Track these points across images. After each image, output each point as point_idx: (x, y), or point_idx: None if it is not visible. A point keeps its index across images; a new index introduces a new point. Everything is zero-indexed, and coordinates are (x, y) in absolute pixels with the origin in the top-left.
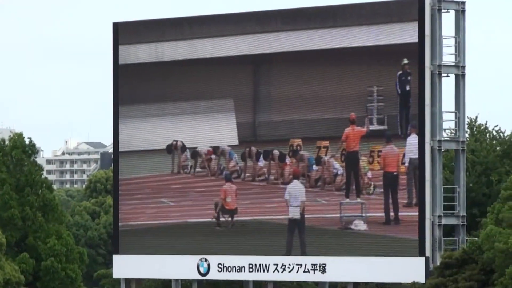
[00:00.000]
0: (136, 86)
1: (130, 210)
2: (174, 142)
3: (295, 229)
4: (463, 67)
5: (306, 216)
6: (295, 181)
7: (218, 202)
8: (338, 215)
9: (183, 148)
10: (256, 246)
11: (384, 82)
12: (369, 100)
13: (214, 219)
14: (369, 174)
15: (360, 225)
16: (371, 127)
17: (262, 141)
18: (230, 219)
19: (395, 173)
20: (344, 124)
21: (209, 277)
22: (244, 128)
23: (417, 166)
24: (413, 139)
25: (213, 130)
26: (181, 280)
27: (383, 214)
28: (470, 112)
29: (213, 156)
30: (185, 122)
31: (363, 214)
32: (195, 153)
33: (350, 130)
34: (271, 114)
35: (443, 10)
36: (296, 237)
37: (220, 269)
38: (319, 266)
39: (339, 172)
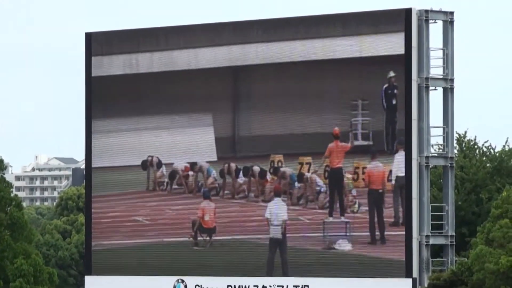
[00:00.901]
0: (109, 99)
1: (103, 228)
2: (150, 158)
3: (277, 248)
4: (452, 80)
5: (288, 235)
6: (276, 198)
7: (195, 221)
8: (321, 234)
9: (159, 164)
10: (236, 266)
11: (369, 96)
12: (354, 114)
13: (191, 238)
14: (354, 191)
15: (344, 245)
16: (356, 143)
17: (241, 157)
18: (208, 238)
19: (380, 191)
20: (328, 139)
21: None
22: (223, 144)
23: (404, 183)
24: (400, 156)
25: (191, 145)
26: None
27: (368, 233)
28: (458, 127)
29: (190, 173)
30: (161, 137)
31: (348, 234)
32: (171, 170)
33: (334, 146)
34: (251, 129)
35: (430, 21)
36: (278, 257)
37: None
38: None
39: (322, 190)
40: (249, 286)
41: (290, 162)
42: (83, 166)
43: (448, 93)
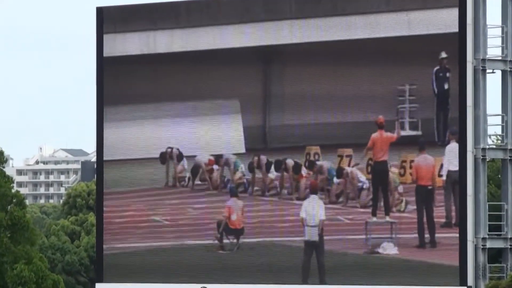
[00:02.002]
0: (124, 83)
1: (116, 230)
2: (169, 150)
3: (313, 252)
4: None
5: (325, 237)
6: (312, 196)
7: (221, 221)
8: (363, 236)
9: (180, 156)
10: (266, 272)
11: (418, 80)
12: (400, 100)
13: (216, 241)
14: (400, 188)
15: (389, 249)
16: (402, 133)
17: (273, 149)
18: (235, 240)
19: (430, 187)
20: (371, 129)
21: None
22: (252, 134)
23: (457, 179)
24: (452, 148)
25: (216, 135)
26: None
27: (416, 235)
28: None
29: (215, 167)
30: (182, 126)
31: (393, 236)
32: (194, 164)
33: (378, 136)
34: (284, 117)
35: None
36: (314, 262)
37: None
38: None
39: (364, 186)
40: None
41: (328, 154)
42: (93, 159)
43: (507, 76)
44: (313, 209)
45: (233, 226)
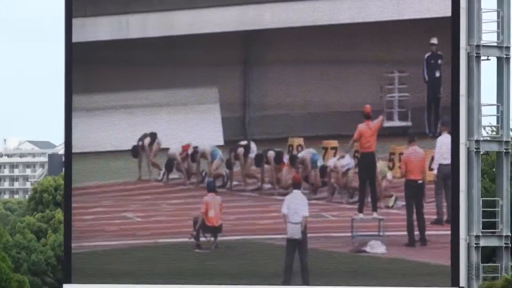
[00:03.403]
0: (94, 70)
1: (85, 227)
2: (141, 143)
3: (295, 251)
4: (508, 48)
5: (309, 235)
6: (295, 191)
7: (197, 218)
8: (349, 234)
9: (152, 143)
10: (246, 272)
11: (408, 67)
12: (389, 89)
13: (192, 239)
14: (389, 175)
15: (377, 247)
16: (391, 123)
17: (254, 141)
18: (212, 238)
19: (420, 182)
20: (357, 119)
21: None
22: (232, 125)
23: (449, 173)
24: (444, 140)
25: (192, 126)
26: None
27: (405, 233)
28: None
29: (189, 152)
30: (155, 116)
31: (381, 233)
32: (168, 157)
33: (365, 127)
34: (265, 107)
35: None
36: (297, 261)
37: None
38: None
39: (350, 166)
40: None
41: (312, 147)
42: (61, 152)
43: (503, 63)
44: (296, 205)
45: (211, 224)
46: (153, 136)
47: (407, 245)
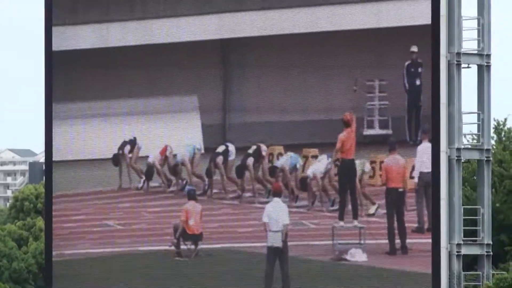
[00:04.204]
0: (74, 79)
1: (66, 235)
2: (121, 151)
3: (276, 259)
4: (488, 56)
5: (289, 243)
6: (275, 199)
7: (178, 225)
8: (330, 242)
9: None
10: (226, 281)
11: (388, 75)
12: (369, 97)
13: (173, 247)
14: (367, 167)
15: (357, 255)
16: (371, 131)
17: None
18: (193, 246)
19: (400, 190)
20: (338, 127)
21: None
22: (211, 132)
23: (430, 181)
24: (425, 148)
25: (172, 134)
26: None
27: (386, 241)
28: (496, 113)
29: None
30: (136, 124)
31: (362, 242)
32: (148, 165)
33: (345, 135)
34: (245, 114)
35: None
36: (277, 270)
37: None
38: None
39: (329, 166)
40: None
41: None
42: (42, 160)
43: (483, 71)
44: (277, 213)
45: (191, 232)
46: (132, 143)
47: (388, 253)
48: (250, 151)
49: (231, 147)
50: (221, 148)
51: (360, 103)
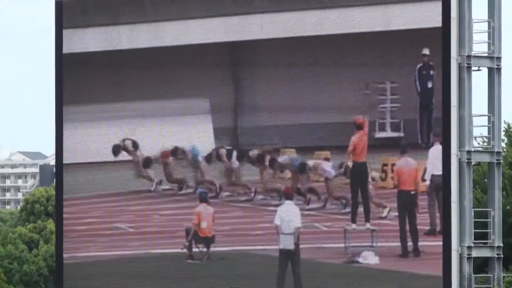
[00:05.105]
0: (85, 81)
1: (77, 238)
2: (130, 152)
3: (288, 262)
4: (499, 58)
5: (301, 246)
6: (287, 202)
7: (190, 228)
8: (342, 245)
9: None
10: (238, 284)
11: (399, 78)
12: (381, 100)
13: (185, 250)
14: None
15: (369, 258)
16: (383, 134)
17: (243, 150)
18: (205, 249)
19: (412, 192)
20: (349, 130)
21: None
22: (223, 136)
23: (441, 183)
24: (436, 150)
25: (183, 137)
26: None
27: (399, 244)
28: (507, 115)
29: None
30: (147, 127)
31: (374, 244)
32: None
33: (357, 138)
34: (257, 117)
35: None
36: (289, 272)
37: None
38: None
39: (330, 175)
40: None
41: (305, 157)
42: (52, 163)
43: (494, 74)
44: (289, 215)
45: (203, 234)
46: (135, 145)
47: (400, 256)
48: (259, 152)
49: (241, 150)
50: (231, 150)
51: (372, 105)
